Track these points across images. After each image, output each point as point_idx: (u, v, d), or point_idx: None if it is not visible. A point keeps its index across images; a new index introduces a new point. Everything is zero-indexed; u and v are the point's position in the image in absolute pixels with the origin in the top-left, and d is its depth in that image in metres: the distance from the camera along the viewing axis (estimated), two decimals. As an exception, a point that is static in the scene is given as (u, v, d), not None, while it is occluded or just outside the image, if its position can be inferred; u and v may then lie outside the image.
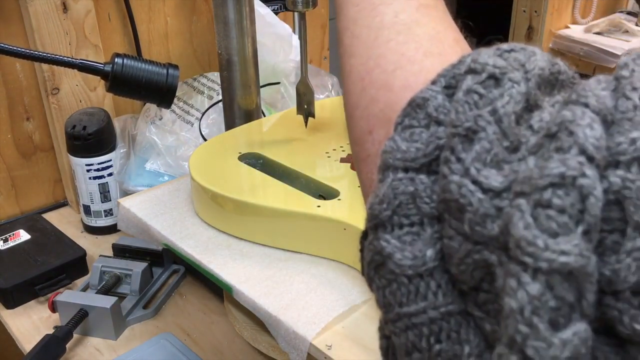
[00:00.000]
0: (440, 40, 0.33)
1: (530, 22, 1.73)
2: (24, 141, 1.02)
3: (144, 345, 0.76)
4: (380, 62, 0.33)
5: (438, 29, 0.34)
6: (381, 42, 0.34)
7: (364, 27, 0.35)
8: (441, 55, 0.32)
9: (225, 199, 0.63)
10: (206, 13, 1.14)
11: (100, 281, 0.84)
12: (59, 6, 0.93)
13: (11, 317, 0.83)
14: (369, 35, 0.34)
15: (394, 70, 0.32)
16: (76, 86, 0.99)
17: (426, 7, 0.35)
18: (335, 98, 1.04)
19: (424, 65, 0.32)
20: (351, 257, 0.59)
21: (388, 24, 0.34)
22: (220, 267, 0.60)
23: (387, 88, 0.32)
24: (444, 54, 0.33)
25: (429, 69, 0.31)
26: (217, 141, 0.78)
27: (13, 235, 0.93)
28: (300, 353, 0.51)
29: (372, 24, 0.35)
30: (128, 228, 0.71)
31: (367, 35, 0.34)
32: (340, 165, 0.69)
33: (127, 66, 0.64)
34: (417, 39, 0.33)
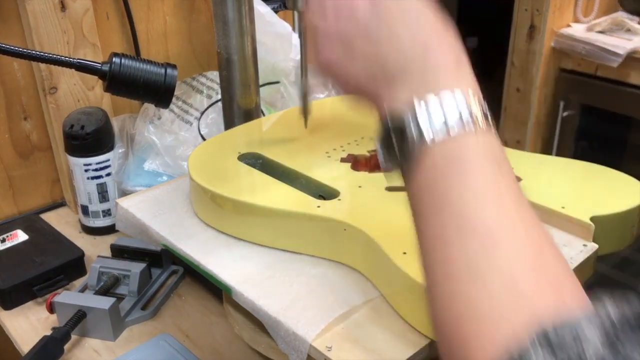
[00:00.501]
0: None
1: (532, 20, 1.72)
2: (22, 141, 1.02)
3: (143, 346, 0.75)
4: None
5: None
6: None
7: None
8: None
9: (224, 199, 0.63)
10: (205, 12, 1.14)
11: (99, 282, 0.83)
12: (57, 5, 0.93)
13: (9, 318, 0.83)
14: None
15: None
16: (74, 85, 0.98)
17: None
18: (336, 98, 1.04)
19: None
20: (351, 257, 0.58)
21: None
22: (220, 267, 0.59)
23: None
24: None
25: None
26: (216, 141, 0.78)
27: (11, 235, 0.93)
28: (300, 354, 0.50)
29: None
30: (126, 228, 0.71)
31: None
32: (340, 165, 0.69)
33: (125, 66, 0.64)
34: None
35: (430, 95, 0.38)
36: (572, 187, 0.64)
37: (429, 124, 0.37)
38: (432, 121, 0.37)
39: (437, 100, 0.38)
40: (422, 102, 0.38)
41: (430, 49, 0.40)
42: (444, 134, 0.37)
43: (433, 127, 0.37)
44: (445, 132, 0.37)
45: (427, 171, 0.38)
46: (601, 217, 0.57)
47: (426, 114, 0.38)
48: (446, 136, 0.37)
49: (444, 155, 0.37)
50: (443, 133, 0.37)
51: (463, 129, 0.37)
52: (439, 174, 0.37)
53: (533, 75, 1.77)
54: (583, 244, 0.56)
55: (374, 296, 0.55)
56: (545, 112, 1.85)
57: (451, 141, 0.37)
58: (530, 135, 1.84)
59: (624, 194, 0.61)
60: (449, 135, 0.37)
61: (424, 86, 0.39)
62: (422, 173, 0.38)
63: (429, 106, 0.38)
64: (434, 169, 0.38)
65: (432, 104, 0.38)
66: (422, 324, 0.50)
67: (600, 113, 1.78)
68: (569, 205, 0.59)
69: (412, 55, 0.40)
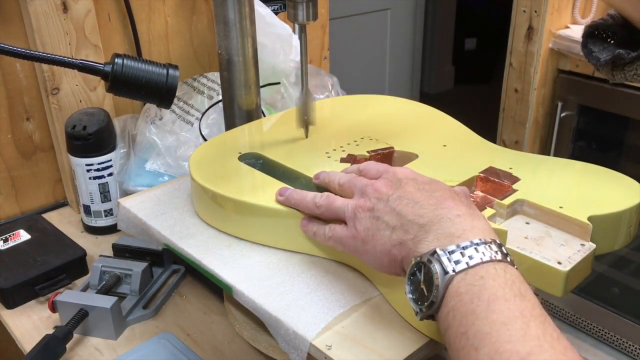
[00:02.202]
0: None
1: (530, 22, 1.73)
2: (24, 141, 1.02)
3: (144, 345, 0.76)
4: None
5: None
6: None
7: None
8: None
9: (225, 199, 0.63)
10: (206, 13, 1.15)
11: (101, 281, 0.84)
12: (59, 6, 0.93)
13: (11, 317, 0.83)
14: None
15: None
16: (76, 86, 0.99)
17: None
18: (336, 98, 1.04)
19: None
20: (351, 257, 0.59)
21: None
22: (220, 267, 0.60)
23: None
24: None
25: None
26: (217, 141, 0.78)
27: (13, 235, 0.93)
28: (300, 353, 0.51)
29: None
30: (128, 228, 0.71)
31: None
32: (340, 165, 0.69)
33: (127, 66, 0.64)
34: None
35: (451, 246, 0.45)
36: (570, 187, 0.64)
37: (449, 260, 0.44)
38: (452, 258, 0.44)
39: (456, 248, 0.44)
40: (444, 252, 0.44)
41: (445, 208, 0.48)
42: (464, 266, 0.43)
43: (453, 261, 0.44)
44: (465, 264, 0.43)
45: (452, 299, 0.43)
46: (599, 216, 0.58)
47: (447, 255, 0.44)
48: (466, 267, 0.43)
49: (466, 282, 0.43)
50: (463, 265, 0.43)
51: (481, 260, 0.43)
52: (462, 300, 0.42)
53: (531, 76, 1.77)
54: (581, 243, 0.57)
55: (374, 295, 0.56)
56: (543, 112, 1.85)
57: (472, 270, 0.43)
58: (529, 135, 1.85)
59: (621, 193, 0.61)
60: (468, 265, 0.43)
61: (446, 239, 0.46)
62: (447, 302, 0.43)
63: (450, 251, 0.44)
64: (458, 296, 0.42)
65: (452, 250, 0.44)
66: (422, 323, 0.51)
67: (597, 114, 1.78)
68: (567, 205, 0.59)
69: (431, 216, 0.48)
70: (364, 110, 0.86)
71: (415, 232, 0.48)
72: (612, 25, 0.65)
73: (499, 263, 0.43)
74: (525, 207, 0.61)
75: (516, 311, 0.40)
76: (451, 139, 0.75)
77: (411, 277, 0.46)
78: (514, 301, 0.41)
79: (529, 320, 0.39)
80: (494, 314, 0.40)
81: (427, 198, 0.50)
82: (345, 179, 0.58)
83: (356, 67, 2.87)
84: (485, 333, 0.39)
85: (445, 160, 0.70)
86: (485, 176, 0.65)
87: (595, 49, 0.65)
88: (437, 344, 0.51)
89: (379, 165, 0.57)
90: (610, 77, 0.65)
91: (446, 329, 0.43)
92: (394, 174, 0.54)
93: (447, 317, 0.43)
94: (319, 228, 0.57)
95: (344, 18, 2.71)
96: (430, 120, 0.81)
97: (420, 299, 0.45)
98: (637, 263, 1.92)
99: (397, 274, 0.51)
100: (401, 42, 3.09)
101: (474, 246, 0.44)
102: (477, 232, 0.46)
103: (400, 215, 0.49)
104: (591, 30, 0.67)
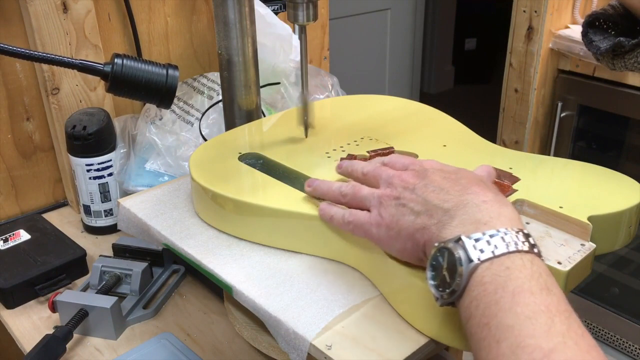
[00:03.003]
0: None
1: (530, 22, 1.73)
2: (24, 141, 1.02)
3: (144, 345, 0.76)
4: None
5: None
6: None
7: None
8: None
9: (225, 199, 0.63)
10: (206, 13, 1.15)
11: (101, 281, 0.84)
12: (59, 6, 0.93)
13: (11, 317, 0.83)
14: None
15: None
16: (76, 86, 0.99)
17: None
18: (336, 98, 1.04)
19: None
20: (351, 257, 0.59)
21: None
22: (220, 267, 0.60)
23: None
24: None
25: None
26: (217, 141, 0.78)
27: (13, 235, 0.93)
28: (300, 353, 0.51)
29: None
30: (128, 228, 0.71)
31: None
32: (340, 166, 0.69)
33: (127, 66, 0.65)
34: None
35: (476, 233, 0.44)
36: (570, 187, 0.64)
37: (474, 247, 0.43)
38: (477, 246, 0.43)
39: (482, 235, 0.43)
40: (469, 238, 0.43)
41: (472, 193, 0.48)
42: (489, 255, 0.42)
43: (479, 249, 0.43)
44: (491, 253, 0.42)
45: (476, 288, 0.42)
46: (599, 216, 0.58)
47: (472, 242, 0.43)
48: (491, 255, 0.42)
49: (491, 272, 0.41)
50: (488, 254, 0.42)
51: (507, 250, 0.42)
52: (486, 290, 0.41)
53: (531, 76, 1.77)
54: (581, 243, 0.56)
55: (374, 295, 0.56)
56: (543, 112, 1.85)
57: (497, 260, 0.42)
58: (529, 135, 1.85)
59: (621, 193, 0.61)
60: (493, 254, 0.42)
61: (472, 225, 0.45)
62: (470, 291, 0.42)
63: (475, 239, 0.43)
64: (482, 286, 0.41)
65: (478, 238, 0.43)
66: (422, 322, 0.51)
67: (597, 114, 1.78)
68: (567, 205, 0.59)
69: (456, 201, 0.47)
70: (364, 110, 0.86)
71: (440, 217, 0.47)
72: (613, 15, 0.66)
73: (526, 254, 0.43)
74: (525, 207, 0.61)
75: (541, 305, 0.39)
76: (451, 139, 0.75)
77: (433, 262, 0.45)
78: (539, 295, 0.40)
79: (554, 315, 0.39)
80: (518, 306, 0.39)
81: (453, 185, 0.49)
82: (370, 167, 0.58)
83: (356, 67, 2.87)
84: (508, 326, 0.39)
85: (445, 160, 0.69)
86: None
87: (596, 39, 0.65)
88: (437, 344, 0.51)
89: (404, 158, 0.57)
90: (611, 66, 0.65)
91: (468, 318, 0.42)
92: (420, 165, 0.54)
93: (469, 306, 0.42)
94: (337, 212, 0.56)
95: (344, 18, 2.71)
96: (430, 120, 0.81)
97: (441, 285, 0.44)
98: (637, 263, 1.92)
99: (420, 260, 0.50)
100: (401, 42, 3.09)
101: (500, 235, 0.43)
102: (504, 220, 0.45)
103: (426, 201, 0.49)
104: (591, 20, 0.67)
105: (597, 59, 0.66)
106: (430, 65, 3.87)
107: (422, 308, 0.50)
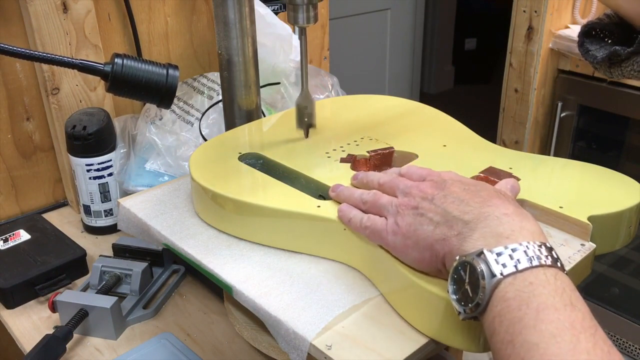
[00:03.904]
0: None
1: (530, 22, 1.73)
2: (24, 141, 1.02)
3: (144, 345, 0.76)
4: None
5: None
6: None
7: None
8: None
9: (225, 199, 0.63)
10: (206, 13, 1.15)
11: (101, 281, 0.84)
12: (59, 6, 0.93)
13: (11, 317, 0.83)
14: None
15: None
16: (76, 86, 0.99)
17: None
18: (336, 98, 1.04)
19: None
20: (351, 257, 0.59)
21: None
22: (220, 267, 0.60)
23: None
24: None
25: None
26: (217, 141, 0.78)
27: (13, 235, 0.93)
28: (300, 353, 0.51)
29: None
30: (128, 228, 0.71)
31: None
32: (340, 166, 0.69)
33: (127, 66, 0.64)
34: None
35: (499, 247, 0.43)
36: (570, 187, 0.64)
37: (496, 262, 0.42)
38: (500, 260, 0.42)
39: (504, 250, 0.43)
40: (491, 252, 0.43)
41: (492, 206, 0.47)
42: (512, 269, 0.42)
43: (501, 263, 0.42)
44: (514, 268, 0.42)
45: (499, 303, 0.41)
46: (599, 216, 0.58)
47: (494, 256, 0.43)
48: (514, 270, 0.42)
49: (514, 288, 0.41)
50: (511, 269, 0.42)
51: (530, 265, 0.42)
52: (510, 306, 0.41)
53: (531, 76, 1.77)
54: (581, 243, 0.57)
55: (374, 295, 0.56)
56: (543, 112, 1.85)
57: (520, 275, 0.42)
58: (529, 135, 1.85)
59: (621, 193, 0.61)
60: (516, 269, 0.42)
61: (493, 238, 0.44)
62: (493, 307, 0.42)
63: (497, 252, 0.43)
64: (505, 301, 0.41)
65: (500, 252, 0.43)
66: (421, 322, 0.51)
67: (597, 114, 1.78)
68: (567, 205, 0.59)
69: (477, 213, 0.47)
70: (364, 110, 0.86)
71: (460, 229, 0.47)
72: (608, 25, 0.66)
73: (549, 268, 0.42)
74: (526, 207, 0.61)
75: (566, 322, 0.39)
76: (451, 139, 0.75)
77: (454, 275, 0.45)
78: (563, 311, 0.39)
79: (579, 332, 0.38)
80: (542, 323, 0.39)
81: (473, 196, 0.49)
82: (386, 178, 0.58)
83: (356, 67, 2.86)
84: (533, 344, 0.38)
85: (445, 160, 0.70)
86: (485, 176, 0.65)
87: (592, 48, 0.66)
88: (437, 344, 0.51)
89: (421, 169, 0.57)
90: (608, 75, 0.65)
91: (491, 334, 0.41)
92: (438, 175, 0.54)
93: (492, 322, 0.41)
94: (356, 215, 0.56)
95: (344, 18, 2.71)
96: (430, 120, 0.81)
97: (464, 300, 0.44)
98: (637, 263, 1.92)
99: (438, 270, 0.49)
100: (401, 42, 3.09)
101: (522, 249, 0.42)
102: (526, 233, 0.44)
103: (445, 212, 0.49)
104: (587, 30, 0.68)
105: (594, 67, 0.66)
106: (430, 65, 3.87)
107: (422, 308, 0.50)
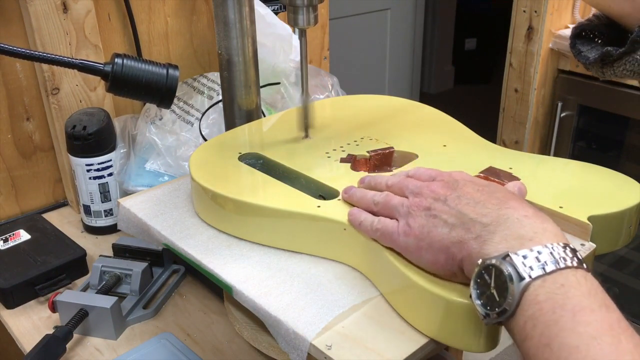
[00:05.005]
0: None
1: (530, 22, 1.73)
2: (24, 141, 1.02)
3: (144, 345, 0.76)
4: None
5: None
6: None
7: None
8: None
9: (225, 199, 0.63)
10: (206, 13, 1.15)
11: (101, 281, 0.84)
12: (59, 6, 0.93)
13: (11, 317, 0.83)
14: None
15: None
16: (76, 86, 0.99)
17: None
18: (336, 98, 1.04)
19: None
20: (351, 257, 0.59)
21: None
22: (220, 267, 0.60)
23: None
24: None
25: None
26: (217, 141, 0.78)
27: (13, 235, 0.93)
28: (300, 353, 0.51)
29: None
30: (128, 228, 0.71)
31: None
32: (340, 165, 0.69)
33: (127, 66, 0.64)
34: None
35: (523, 249, 0.42)
36: (570, 187, 0.64)
37: (523, 264, 0.41)
38: (526, 262, 0.41)
39: (530, 252, 0.42)
40: (517, 255, 0.42)
41: (510, 208, 0.46)
42: (540, 272, 0.41)
43: (528, 266, 0.41)
44: (542, 270, 0.41)
45: (530, 307, 0.40)
46: (599, 216, 0.58)
47: (520, 259, 0.42)
48: (542, 272, 0.41)
49: (545, 290, 0.40)
50: (539, 271, 0.41)
51: (557, 267, 0.41)
52: (543, 309, 0.40)
53: (531, 76, 1.77)
54: (581, 243, 0.57)
55: (374, 295, 0.56)
56: (543, 112, 1.85)
57: (550, 277, 0.41)
58: (529, 135, 1.85)
59: (621, 193, 0.61)
60: (544, 271, 0.41)
61: (516, 241, 0.43)
62: (524, 310, 0.41)
63: (523, 255, 0.42)
64: (537, 304, 0.40)
65: (525, 255, 0.42)
66: (421, 322, 0.51)
67: (597, 113, 1.78)
68: (567, 205, 0.59)
69: (495, 215, 0.46)
70: (364, 110, 0.86)
71: (479, 232, 0.45)
72: (598, 25, 0.66)
73: (576, 270, 0.41)
74: (525, 207, 0.61)
75: (604, 323, 0.38)
76: (451, 139, 0.75)
77: (478, 279, 0.43)
78: (599, 312, 0.39)
79: (619, 333, 0.38)
80: (580, 326, 0.38)
81: (488, 198, 0.48)
82: (394, 180, 0.57)
83: (356, 67, 2.87)
84: (573, 346, 0.37)
85: (445, 160, 0.70)
86: (485, 176, 0.65)
87: (584, 49, 0.66)
88: (437, 344, 0.51)
89: (430, 170, 0.56)
90: (600, 75, 0.65)
91: (524, 339, 0.40)
92: (449, 175, 0.53)
93: (524, 327, 0.40)
94: (366, 218, 0.55)
95: (344, 18, 2.71)
96: (430, 120, 0.81)
97: (489, 304, 0.43)
98: (637, 263, 1.92)
99: (453, 273, 0.48)
100: (401, 42, 3.09)
101: (548, 250, 0.42)
102: (550, 235, 0.43)
103: (461, 214, 0.47)
104: (578, 32, 0.68)
105: (586, 68, 0.66)
106: (430, 65, 3.86)
107: (422, 308, 0.50)
